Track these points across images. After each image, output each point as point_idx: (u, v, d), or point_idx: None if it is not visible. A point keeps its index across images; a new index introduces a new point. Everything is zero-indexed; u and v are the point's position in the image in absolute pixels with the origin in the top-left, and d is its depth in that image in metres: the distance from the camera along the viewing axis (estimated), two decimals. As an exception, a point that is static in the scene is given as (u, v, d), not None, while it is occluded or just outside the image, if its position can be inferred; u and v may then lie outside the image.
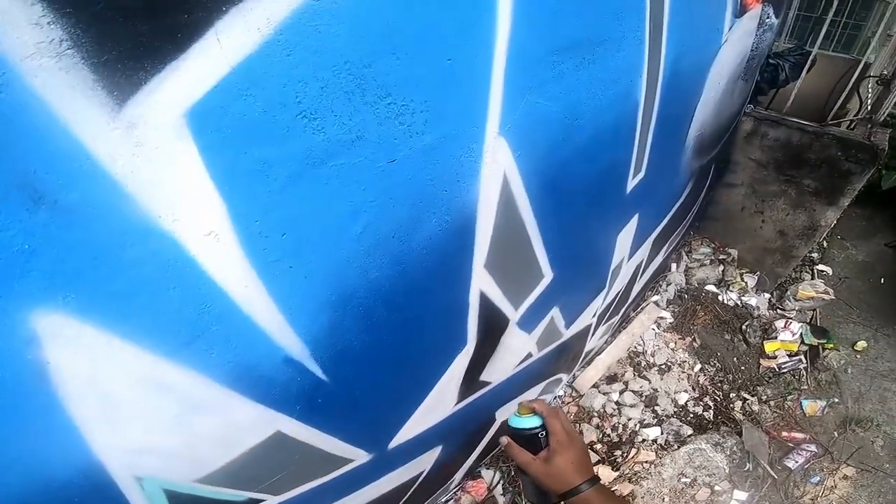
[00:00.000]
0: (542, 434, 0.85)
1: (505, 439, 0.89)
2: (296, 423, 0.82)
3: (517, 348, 1.51)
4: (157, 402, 0.60)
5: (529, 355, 1.65)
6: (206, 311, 0.58)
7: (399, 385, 1.05)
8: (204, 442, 0.70)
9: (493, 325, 1.22)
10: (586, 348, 2.37)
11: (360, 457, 1.09)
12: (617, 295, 2.20)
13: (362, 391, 0.94)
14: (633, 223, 1.79)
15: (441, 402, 1.27)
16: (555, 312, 1.62)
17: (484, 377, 1.41)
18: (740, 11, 1.68)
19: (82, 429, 0.56)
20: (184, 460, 0.69)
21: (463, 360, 1.20)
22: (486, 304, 1.13)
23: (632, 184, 1.53)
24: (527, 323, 1.43)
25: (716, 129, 2.13)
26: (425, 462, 1.51)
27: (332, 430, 0.93)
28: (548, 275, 1.35)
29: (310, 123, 0.58)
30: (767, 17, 1.96)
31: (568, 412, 2.60)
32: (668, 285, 2.99)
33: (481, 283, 1.05)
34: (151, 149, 0.47)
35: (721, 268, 3.10)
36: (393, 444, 1.19)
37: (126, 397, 0.57)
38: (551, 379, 2.17)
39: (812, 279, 3.11)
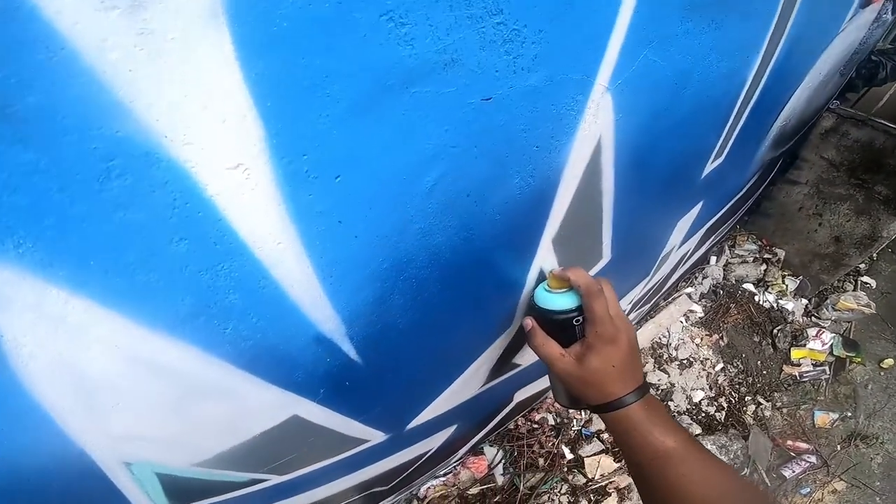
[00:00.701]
0: (577, 320, 0.66)
1: (528, 322, 0.72)
2: (316, 407, 0.68)
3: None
4: (152, 386, 0.46)
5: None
6: (222, 273, 0.43)
7: (433, 368, 0.92)
8: (207, 429, 0.56)
9: (540, 307, 1.07)
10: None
11: (376, 437, 0.97)
12: (656, 283, 2.05)
13: (394, 374, 0.79)
14: (695, 211, 1.62)
15: (470, 384, 1.14)
16: (599, 296, 1.47)
17: (516, 359, 1.29)
18: (865, 2, 1.48)
19: (54, 415, 0.42)
20: (181, 447, 0.56)
21: (502, 343, 1.06)
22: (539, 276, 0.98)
23: (708, 169, 1.36)
24: (571, 306, 1.28)
25: (799, 122, 1.94)
26: (437, 440, 1.41)
27: (354, 413, 0.80)
28: (606, 257, 1.20)
29: (397, 30, 0.40)
30: (885, 13, 1.76)
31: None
32: (703, 278, 2.82)
33: (544, 259, 0.89)
34: (164, 40, 0.31)
35: (763, 267, 2.92)
36: (412, 424, 1.07)
37: (110, 380, 0.42)
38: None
39: (854, 290, 2.93)
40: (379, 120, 0.44)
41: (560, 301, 0.68)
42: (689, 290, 2.76)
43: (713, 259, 2.90)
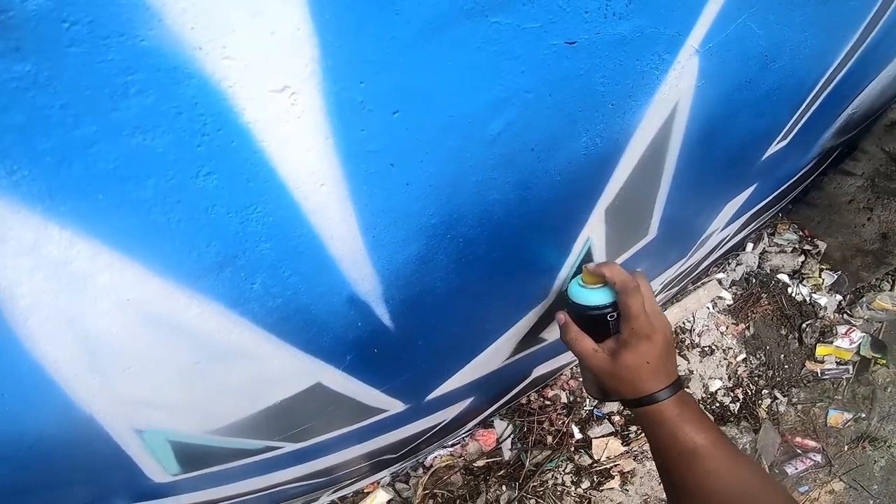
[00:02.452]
0: (611, 316, 0.65)
1: (561, 317, 0.73)
2: (340, 375, 0.62)
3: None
4: (168, 347, 0.40)
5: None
6: (255, 216, 0.36)
7: (463, 338, 0.87)
8: (225, 395, 0.51)
9: (579, 281, 1.01)
10: (637, 315, 2.17)
11: (395, 407, 0.93)
12: (690, 266, 1.97)
13: (424, 342, 0.74)
14: (747, 194, 1.52)
15: (496, 356, 1.09)
16: (634, 276, 1.40)
17: (543, 334, 1.23)
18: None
19: (57, 378, 0.37)
20: (197, 414, 0.51)
21: (535, 315, 1.00)
22: (586, 255, 0.93)
23: (771, 151, 1.27)
24: (608, 282, 1.23)
25: (867, 111, 1.82)
26: (452, 412, 1.38)
27: (378, 382, 0.75)
28: (651, 234, 1.13)
29: (483, -57, 0.33)
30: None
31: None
32: (737, 265, 2.71)
33: (593, 229, 0.83)
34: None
35: (801, 258, 2.79)
36: (431, 396, 1.03)
37: (120, 340, 0.37)
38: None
39: (892, 290, 2.82)
40: (451, 50, 0.37)
41: (595, 297, 0.67)
42: (720, 275, 2.66)
43: (750, 246, 2.78)
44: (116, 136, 0.28)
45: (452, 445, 2.07)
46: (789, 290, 2.75)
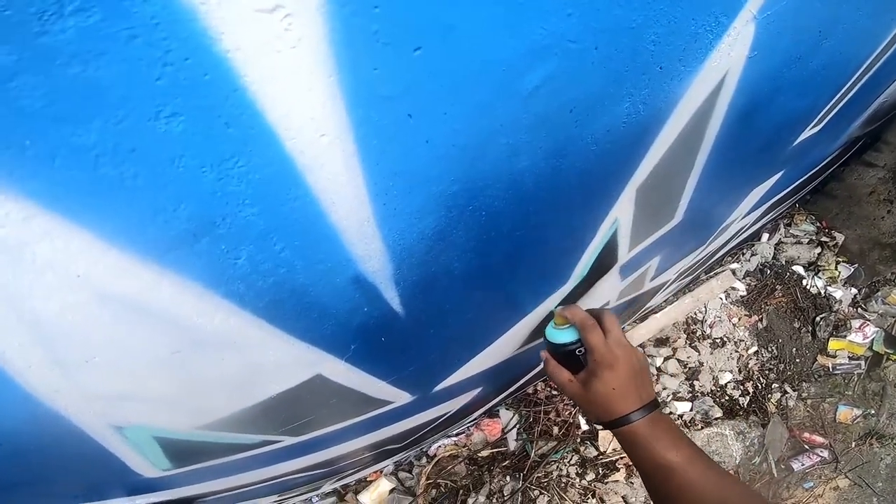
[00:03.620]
0: (580, 350, 0.74)
1: (544, 354, 0.82)
2: (343, 366, 0.56)
3: (601, 295, 1.26)
4: (138, 333, 0.34)
5: (606, 304, 1.41)
6: (236, 172, 0.29)
7: (477, 325, 0.81)
8: (212, 389, 0.45)
9: (601, 266, 0.98)
10: (649, 304, 2.11)
11: (401, 399, 0.87)
12: (706, 255, 1.91)
13: (436, 330, 0.68)
14: (773, 180, 1.46)
15: (507, 346, 1.04)
16: (653, 262, 1.36)
17: (558, 322, 1.17)
18: None
19: (10, 371, 0.31)
20: (181, 409, 0.45)
21: (551, 303, 0.95)
22: (611, 238, 0.89)
23: (803, 136, 1.21)
24: (627, 269, 1.19)
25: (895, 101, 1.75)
26: (459, 402, 1.32)
27: (384, 374, 0.69)
28: (676, 219, 1.07)
29: None
30: None
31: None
32: (752, 255, 2.64)
33: (622, 209, 0.78)
34: None
35: (818, 250, 2.73)
36: (439, 386, 0.98)
37: (77, 324, 0.30)
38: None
39: (907, 285, 2.75)
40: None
41: (563, 335, 0.75)
42: (734, 265, 2.60)
43: (765, 236, 2.72)
44: (46, 67, 0.21)
45: (457, 435, 2.04)
46: (804, 282, 2.69)
